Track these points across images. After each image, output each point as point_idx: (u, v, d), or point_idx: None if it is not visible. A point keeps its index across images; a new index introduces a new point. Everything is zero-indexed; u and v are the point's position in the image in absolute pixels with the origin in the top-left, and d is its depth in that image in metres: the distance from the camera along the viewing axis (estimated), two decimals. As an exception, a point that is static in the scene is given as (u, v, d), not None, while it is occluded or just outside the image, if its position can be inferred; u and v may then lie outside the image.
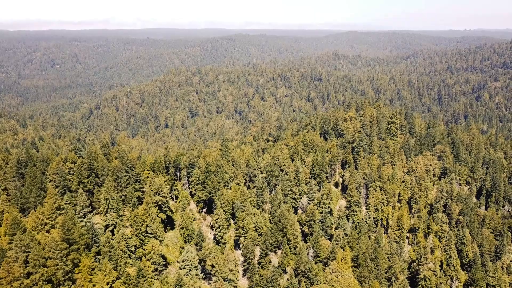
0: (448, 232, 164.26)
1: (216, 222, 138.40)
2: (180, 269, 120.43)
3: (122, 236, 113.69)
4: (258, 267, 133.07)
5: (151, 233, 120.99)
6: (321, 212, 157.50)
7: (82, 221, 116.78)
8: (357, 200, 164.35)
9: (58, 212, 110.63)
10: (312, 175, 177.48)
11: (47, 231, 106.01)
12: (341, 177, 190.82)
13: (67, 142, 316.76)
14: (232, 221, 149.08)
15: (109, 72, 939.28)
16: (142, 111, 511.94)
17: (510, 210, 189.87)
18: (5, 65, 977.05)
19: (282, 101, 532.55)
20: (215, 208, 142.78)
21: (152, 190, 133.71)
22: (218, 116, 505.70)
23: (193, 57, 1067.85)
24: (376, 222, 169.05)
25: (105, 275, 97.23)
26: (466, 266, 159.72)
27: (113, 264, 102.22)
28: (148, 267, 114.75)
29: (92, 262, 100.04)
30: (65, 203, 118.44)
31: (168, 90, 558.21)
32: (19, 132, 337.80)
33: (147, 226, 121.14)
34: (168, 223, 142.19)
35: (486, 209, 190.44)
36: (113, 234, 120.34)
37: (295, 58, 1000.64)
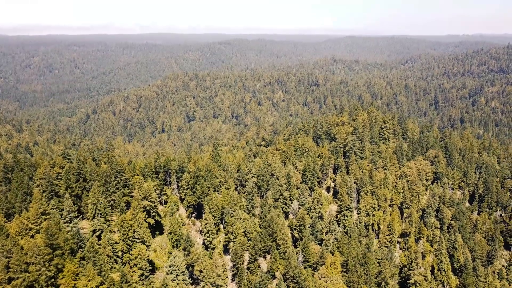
0: (439, 237, 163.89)
1: (205, 227, 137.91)
2: (167, 274, 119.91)
3: (108, 241, 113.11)
4: (247, 272, 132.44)
5: (138, 238, 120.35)
6: (311, 217, 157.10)
7: (68, 226, 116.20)
8: (348, 205, 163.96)
9: (44, 217, 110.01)
10: (304, 179, 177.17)
11: (32, 236, 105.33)
12: (333, 182, 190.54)
13: (62, 147, 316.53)
14: (221, 226, 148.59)
15: (107, 77, 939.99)
16: (139, 115, 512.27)
17: (502, 214, 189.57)
18: (4, 70, 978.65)
19: (279, 105, 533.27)
20: (204, 213, 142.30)
21: (140, 195, 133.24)
22: (215, 121, 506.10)
23: (192, 62, 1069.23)
24: (367, 227, 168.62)
25: (89, 281, 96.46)
26: (457, 271, 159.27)
27: (98, 270, 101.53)
28: (134, 272, 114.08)
29: (77, 268, 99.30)
30: (51, 208, 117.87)
31: (165, 95, 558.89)
32: (14, 137, 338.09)
33: (134, 231, 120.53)
34: (157, 228, 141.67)
35: (478, 214, 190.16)
36: (100, 239, 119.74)
37: (293, 63, 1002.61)
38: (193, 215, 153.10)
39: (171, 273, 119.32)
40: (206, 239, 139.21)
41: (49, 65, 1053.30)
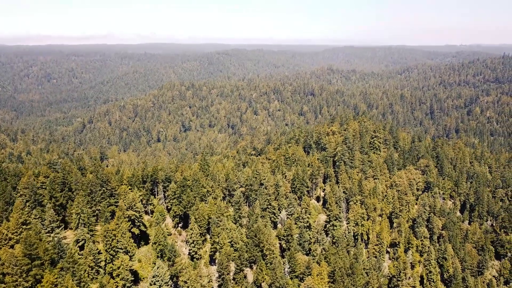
0: (428, 246, 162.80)
1: (191, 237, 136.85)
2: (151, 285, 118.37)
3: (90, 251, 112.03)
4: (233, 283, 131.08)
5: (121, 248, 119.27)
6: (299, 227, 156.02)
7: (49, 236, 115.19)
8: (337, 215, 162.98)
9: (24, 227, 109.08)
10: (293, 189, 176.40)
11: (11, 247, 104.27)
12: (323, 191, 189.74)
13: (55, 156, 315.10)
14: (208, 236, 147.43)
15: (105, 87, 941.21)
16: (135, 125, 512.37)
17: (493, 224, 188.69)
18: (2, 79, 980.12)
19: (274, 115, 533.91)
20: (190, 223, 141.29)
21: (125, 205, 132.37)
22: (211, 130, 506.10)
23: (190, 72, 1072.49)
24: (356, 237, 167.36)
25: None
26: (446, 281, 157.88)
27: (77, 280, 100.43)
28: (117, 283, 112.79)
29: (56, 278, 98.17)
30: (34, 218, 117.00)
31: (162, 104, 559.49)
32: (8, 146, 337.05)
33: (117, 241, 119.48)
34: (143, 238, 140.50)
35: (469, 224, 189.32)
36: (82, 249, 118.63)
37: (291, 72, 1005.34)
38: (180, 225, 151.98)
39: (154, 284, 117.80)
40: (191, 249, 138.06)
41: (47, 74, 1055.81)
